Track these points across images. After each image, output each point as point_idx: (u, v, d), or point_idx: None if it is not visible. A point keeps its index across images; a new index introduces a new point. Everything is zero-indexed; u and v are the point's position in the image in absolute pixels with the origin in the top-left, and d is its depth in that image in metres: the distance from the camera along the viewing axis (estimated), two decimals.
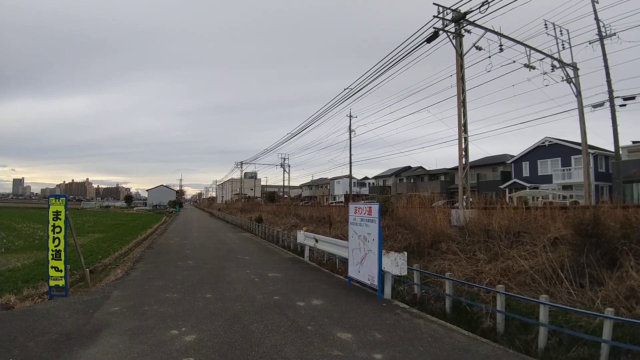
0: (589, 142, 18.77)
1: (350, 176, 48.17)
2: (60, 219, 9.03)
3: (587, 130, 18.14)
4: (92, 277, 11.44)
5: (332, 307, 7.78)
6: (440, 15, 14.17)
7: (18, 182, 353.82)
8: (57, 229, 8.99)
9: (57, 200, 9.20)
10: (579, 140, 19.27)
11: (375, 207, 9.07)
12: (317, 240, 13.87)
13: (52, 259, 8.88)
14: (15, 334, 5.97)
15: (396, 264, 8.38)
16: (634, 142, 33.37)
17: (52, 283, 8.91)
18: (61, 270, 8.86)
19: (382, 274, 8.68)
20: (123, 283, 10.11)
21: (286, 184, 67.43)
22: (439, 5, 14.12)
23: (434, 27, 14.40)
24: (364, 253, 9.29)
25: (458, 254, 9.98)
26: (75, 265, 11.12)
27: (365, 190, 72.80)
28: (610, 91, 18.68)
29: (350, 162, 45.07)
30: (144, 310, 7.38)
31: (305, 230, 15.79)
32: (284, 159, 63.38)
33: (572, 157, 36.15)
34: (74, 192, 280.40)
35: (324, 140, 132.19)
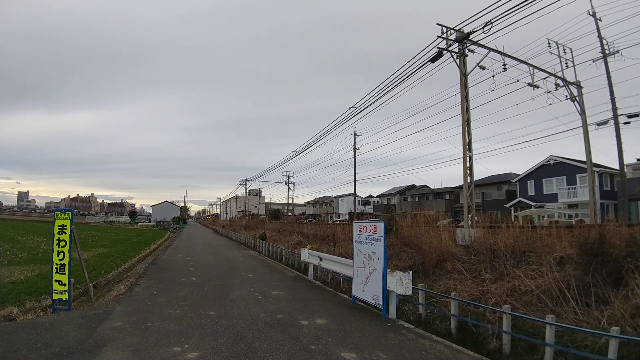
0: (593, 160, 18.72)
1: (354, 194, 48.14)
2: (65, 233, 9.08)
3: (592, 148, 18.11)
4: (95, 292, 11.40)
5: (336, 326, 7.72)
6: (444, 36, 14.34)
7: (23, 195, 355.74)
8: (62, 243, 9.03)
9: (62, 214, 9.26)
10: (584, 159, 19.24)
11: (380, 226, 9.06)
12: (321, 259, 13.82)
13: (56, 273, 8.90)
14: (17, 346, 5.98)
15: (401, 283, 8.33)
16: (638, 160, 33.26)
17: (55, 297, 8.91)
18: (65, 284, 8.86)
19: (386, 293, 8.62)
20: (126, 298, 10.09)
21: (290, 201, 67.49)
22: (442, 26, 14.29)
23: (437, 47, 14.55)
24: (369, 272, 9.24)
25: (463, 273, 9.92)
26: (78, 279, 11.13)
27: (369, 209, 72.63)
28: (615, 109, 18.73)
29: (355, 180, 45.05)
30: (146, 326, 7.36)
31: (309, 249, 15.75)
32: (289, 176, 63.49)
33: (577, 175, 36.02)
34: (78, 207, 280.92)
35: (328, 158, 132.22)
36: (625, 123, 18.63)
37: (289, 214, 70.81)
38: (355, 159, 44.40)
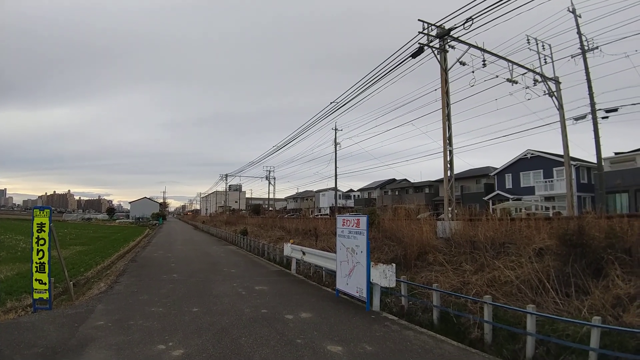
0: (571, 154, 19.15)
1: (335, 189, 48.18)
2: (44, 231, 8.87)
3: (569, 142, 18.53)
4: (76, 290, 11.22)
5: (321, 319, 7.76)
6: (425, 31, 14.40)
7: (0, 193, 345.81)
8: (42, 241, 8.83)
9: (41, 212, 9.05)
10: (561, 153, 19.64)
11: (363, 219, 9.11)
12: (304, 253, 13.84)
13: (36, 272, 8.70)
14: (0, 347, 5.86)
15: (384, 275, 8.40)
16: (616, 154, 34.11)
17: (36, 296, 8.74)
18: (45, 283, 8.69)
19: (370, 286, 8.69)
20: (107, 297, 9.93)
21: (271, 196, 67.23)
22: (423, 22, 14.36)
23: (419, 43, 14.62)
24: (352, 265, 9.29)
25: (445, 265, 10.06)
26: (58, 278, 10.92)
27: (350, 203, 72.94)
28: (593, 104, 19.15)
29: (336, 175, 45.13)
30: (129, 324, 7.25)
31: (292, 243, 15.74)
32: (269, 171, 63.20)
33: (554, 169, 36.81)
34: (55, 204, 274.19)
35: (309, 153, 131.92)
36: (603, 118, 19.06)
37: (270, 208, 70.51)
38: (336, 154, 44.50)
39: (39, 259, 8.76)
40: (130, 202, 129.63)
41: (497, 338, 6.57)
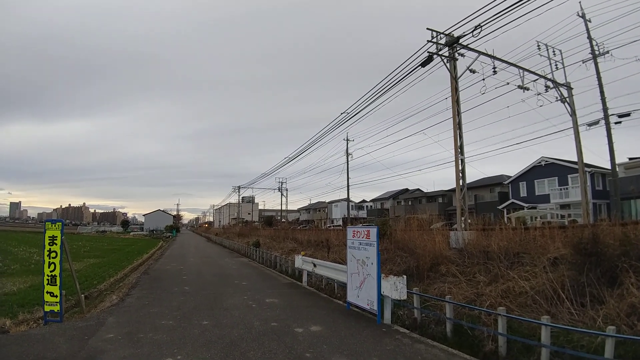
0: (585, 161, 18.84)
1: (348, 199, 48.12)
2: (56, 244, 8.99)
3: (583, 148, 18.21)
4: (87, 302, 11.28)
5: (331, 333, 7.65)
6: (434, 40, 14.38)
7: (15, 206, 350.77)
8: (53, 254, 8.95)
9: (53, 225, 9.17)
10: (575, 159, 19.34)
11: (373, 231, 9.02)
12: (315, 265, 13.75)
13: (47, 284, 8.83)
14: (10, 358, 5.91)
15: (395, 287, 8.28)
16: (630, 159, 33.54)
17: (47, 308, 8.84)
18: (56, 296, 8.80)
19: (381, 298, 8.57)
20: (118, 309, 9.95)
21: (284, 207, 67.40)
22: (432, 30, 14.34)
23: (428, 52, 14.60)
24: (363, 277, 9.19)
25: (458, 276, 9.89)
26: (70, 290, 11.01)
27: (363, 214, 72.60)
28: (605, 109, 18.86)
29: (348, 185, 45.05)
30: (139, 337, 7.25)
31: (303, 255, 15.65)
32: (282, 182, 63.43)
33: (569, 176, 36.24)
34: (70, 217, 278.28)
35: (321, 164, 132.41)
36: (616, 123, 18.74)
37: (283, 220, 70.65)
38: (347, 164, 44.49)
39: (51, 271, 8.87)
40: (144, 215, 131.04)
41: (511, 350, 6.41)
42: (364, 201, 79.03)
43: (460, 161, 14.23)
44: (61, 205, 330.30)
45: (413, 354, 6.40)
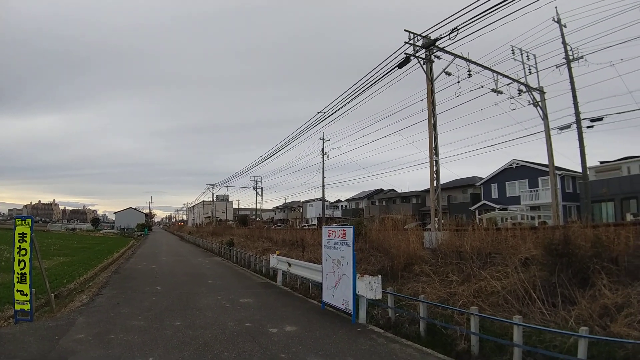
0: (556, 164, 19.32)
1: (323, 199, 48.10)
2: (26, 241, 8.69)
3: (555, 152, 18.68)
4: (57, 302, 10.93)
5: (306, 333, 7.60)
6: (411, 42, 14.50)
7: None
8: (23, 252, 8.65)
9: (23, 221, 8.85)
10: (546, 162, 19.81)
11: (349, 230, 9.01)
12: (290, 265, 13.67)
13: (17, 282, 8.53)
14: None
15: (370, 287, 8.29)
16: (601, 163, 34.54)
17: (17, 307, 8.54)
18: (26, 294, 8.50)
19: (356, 298, 8.56)
20: (88, 309, 9.66)
21: (259, 206, 66.94)
22: (410, 32, 14.46)
23: (405, 53, 14.72)
24: (338, 277, 9.17)
25: (431, 276, 9.99)
26: (40, 289, 10.64)
27: (338, 213, 72.75)
28: (577, 113, 19.38)
29: (323, 185, 45.01)
30: (109, 338, 7.03)
31: (278, 254, 15.55)
32: (257, 181, 62.94)
33: (540, 178, 37.16)
34: (40, 214, 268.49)
35: (297, 163, 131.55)
36: (588, 127, 19.27)
37: (257, 219, 70.15)
38: (323, 164, 44.41)
39: (21, 269, 8.58)
40: (115, 213, 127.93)
41: (484, 350, 6.48)
42: (339, 201, 79.20)
43: (435, 162, 14.38)
44: (31, 202, 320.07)
45: (388, 353, 6.41)
